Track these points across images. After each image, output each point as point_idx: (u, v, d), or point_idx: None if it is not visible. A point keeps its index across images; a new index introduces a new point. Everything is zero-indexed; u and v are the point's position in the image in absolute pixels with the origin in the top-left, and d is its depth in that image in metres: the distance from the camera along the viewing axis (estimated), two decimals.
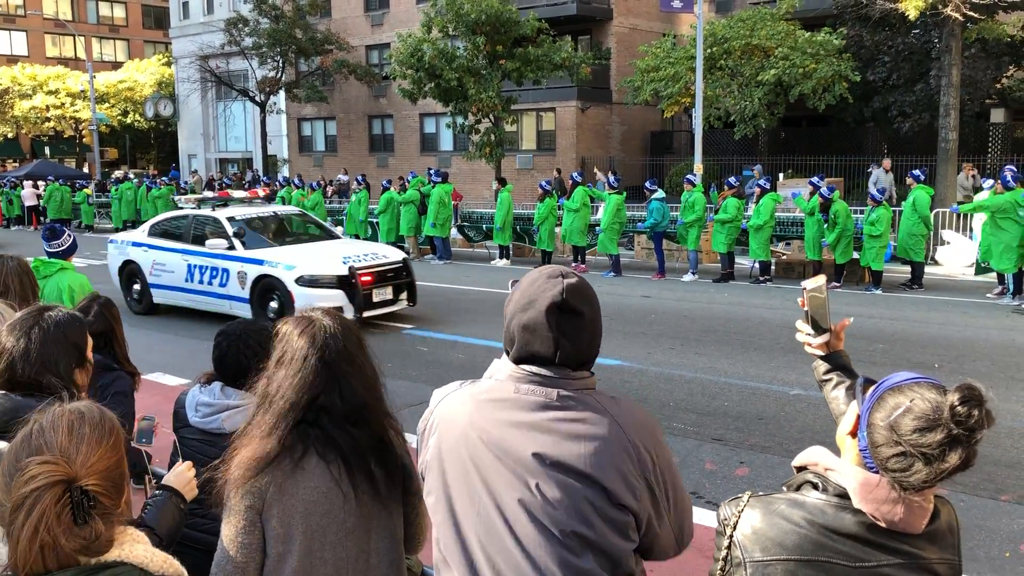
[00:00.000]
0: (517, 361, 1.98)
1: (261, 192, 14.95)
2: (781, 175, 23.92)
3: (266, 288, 11.33)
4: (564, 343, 1.93)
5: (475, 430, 1.96)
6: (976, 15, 18.55)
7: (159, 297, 12.91)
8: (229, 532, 2.24)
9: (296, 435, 2.25)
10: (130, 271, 13.34)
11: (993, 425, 1.60)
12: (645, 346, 10.23)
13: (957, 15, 18.25)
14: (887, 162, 20.82)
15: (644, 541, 1.97)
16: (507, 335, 2.01)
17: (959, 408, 1.57)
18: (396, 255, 12.25)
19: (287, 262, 11.28)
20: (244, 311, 11.45)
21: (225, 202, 13.28)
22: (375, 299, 11.44)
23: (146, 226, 13.73)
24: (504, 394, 1.96)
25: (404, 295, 11.93)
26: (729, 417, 7.58)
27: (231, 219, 12.22)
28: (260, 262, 11.43)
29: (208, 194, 14.48)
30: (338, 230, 16.64)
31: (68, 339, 2.66)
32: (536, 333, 1.93)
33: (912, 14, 18.26)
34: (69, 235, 5.81)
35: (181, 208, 13.82)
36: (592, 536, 1.89)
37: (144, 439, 3.00)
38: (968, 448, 1.59)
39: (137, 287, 13.26)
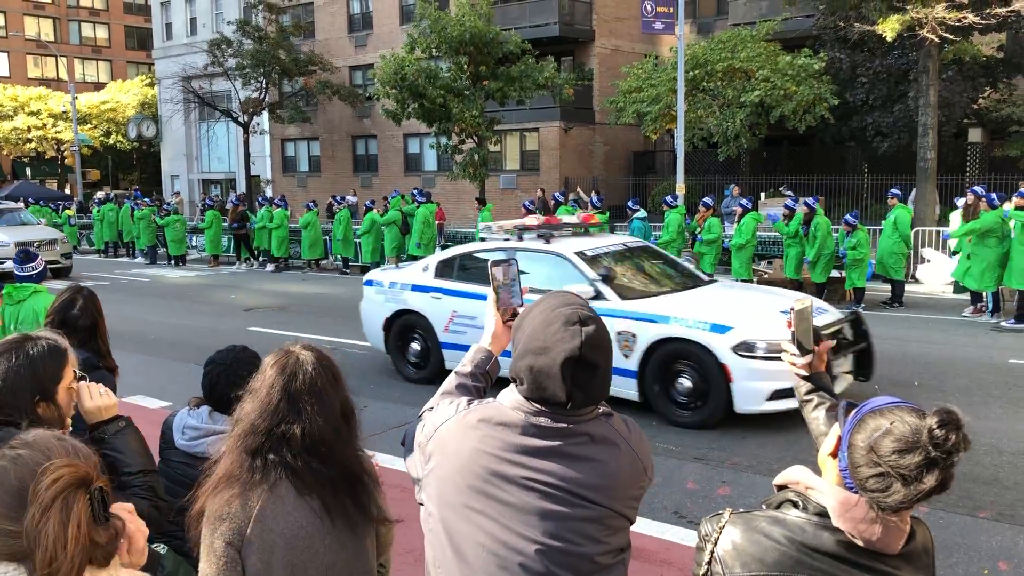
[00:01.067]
0: (527, 398, 1.96)
1: (596, 217, 11.19)
2: (763, 194, 24.11)
3: (670, 357, 7.85)
4: (577, 393, 1.91)
5: (482, 457, 1.94)
6: (952, 37, 18.82)
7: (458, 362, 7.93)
8: (209, 571, 2.18)
9: (260, 461, 2.22)
10: (405, 324, 9.78)
11: (969, 448, 1.64)
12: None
13: (934, 36, 18.50)
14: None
15: None
16: (514, 369, 1.98)
17: (937, 431, 1.62)
18: (835, 311, 8.88)
19: (708, 319, 7.73)
20: (628, 391, 8.00)
21: (551, 231, 9.53)
22: (833, 372, 7.68)
23: (429, 264, 10.01)
24: (514, 420, 1.95)
25: (851, 365, 8.17)
26: (711, 436, 7.60)
27: (581, 254, 8.82)
28: (658, 319, 7.95)
29: (529, 220, 9.84)
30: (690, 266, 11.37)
31: (35, 373, 2.60)
32: (549, 380, 1.90)
33: (888, 35, 18.52)
34: (41, 259, 5.83)
35: (484, 239, 10.11)
36: (601, 559, 1.92)
37: None
38: (945, 470, 1.63)
39: (417, 346, 9.69)
